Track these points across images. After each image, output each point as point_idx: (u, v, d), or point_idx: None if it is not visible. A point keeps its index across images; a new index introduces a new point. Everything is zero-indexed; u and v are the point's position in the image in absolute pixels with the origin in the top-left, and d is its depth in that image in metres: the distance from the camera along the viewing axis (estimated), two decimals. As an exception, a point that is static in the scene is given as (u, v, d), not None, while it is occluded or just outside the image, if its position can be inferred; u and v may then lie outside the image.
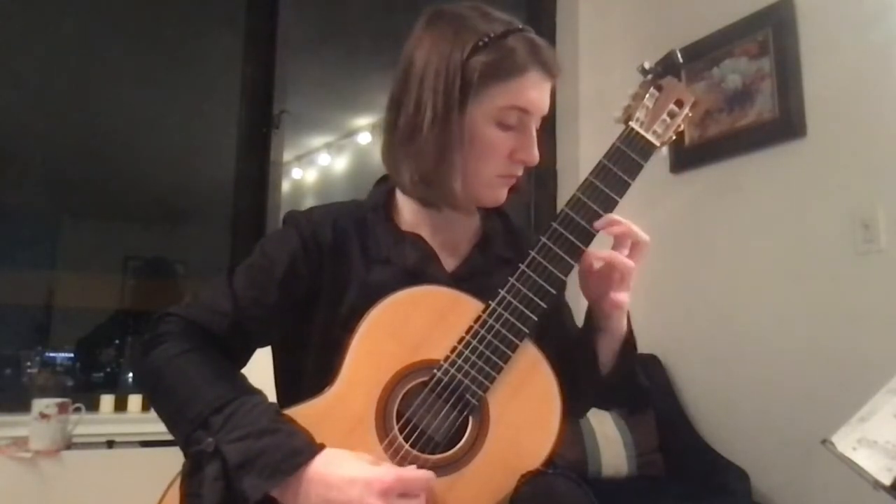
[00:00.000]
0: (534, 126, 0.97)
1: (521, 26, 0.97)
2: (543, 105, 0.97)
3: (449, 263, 1.00)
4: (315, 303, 0.96)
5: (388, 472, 0.77)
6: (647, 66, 1.00)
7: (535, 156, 0.96)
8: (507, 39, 0.94)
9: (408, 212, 1.03)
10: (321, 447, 0.80)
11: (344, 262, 0.97)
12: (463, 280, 0.97)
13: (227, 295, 0.93)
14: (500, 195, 1.00)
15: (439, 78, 0.93)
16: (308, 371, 0.95)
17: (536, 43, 0.96)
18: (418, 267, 0.97)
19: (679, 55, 0.99)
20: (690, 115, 1.00)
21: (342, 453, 0.80)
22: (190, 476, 0.79)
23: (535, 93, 0.95)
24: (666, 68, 1.00)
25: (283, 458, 0.77)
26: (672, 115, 0.98)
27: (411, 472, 0.80)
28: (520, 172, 0.99)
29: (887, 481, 0.85)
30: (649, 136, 0.96)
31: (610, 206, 0.93)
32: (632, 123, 0.96)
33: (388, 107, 1.00)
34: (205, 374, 0.85)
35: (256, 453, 0.77)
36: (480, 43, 0.93)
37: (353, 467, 0.78)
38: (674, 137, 0.99)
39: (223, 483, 0.77)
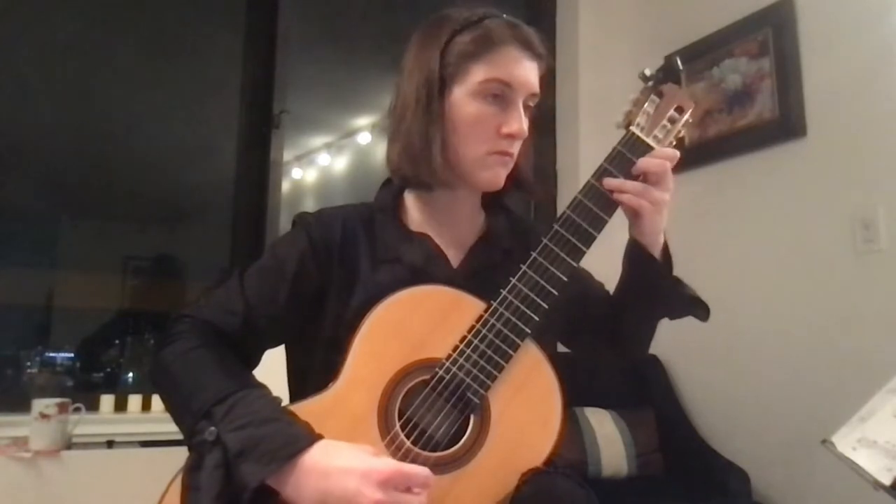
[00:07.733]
0: (520, 102, 0.97)
1: (502, 14, 0.99)
2: (527, 80, 0.97)
3: (455, 261, 1.01)
4: (324, 302, 0.97)
5: (387, 463, 0.77)
6: (647, 72, 1.01)
7: (521, 128, 0.96)
8: (485, 21, 0.97)
9: (415, 212, 1.04)
10: (320, 437, 0.80)
11: (352, 262, 0.98)
12: (468, 277, 0.98)
13: (239, 295, 0.95)
14: (497, 176, 0.99)
15: (422, 69, 0.97)
16: (315, 369, 0.96)
17: (514, 23, 0.98)
18: (425, 266, 0.98)
19: (679, 61, 1.00)
20: (691, 120, 1.01)
21: (341, 444, 0.80)
22: (192, 470, 0.80)
23: (514, 66, 0.96)
24: (667, 74, 1.01)
25: (282, 445, 0.78)
26: (672, 121, 0.99)
27: (411, 466, 0.79)
28: (512, 149, 0.98)
29: (887, 481, 0.85)
30: (650, 141, 0.97)
31: (610, 208, 0.94)
32: (632, 128, 0.97)
33: (388, 112, 1.03)
34: (211, 369, 0.87)
35: (256, 441, 0.78)
36: (458, 27, 0.96)
37: (350, 457, 0.78)
38: (674, 142, 1.00)
39: (223, 471, 0.77)
